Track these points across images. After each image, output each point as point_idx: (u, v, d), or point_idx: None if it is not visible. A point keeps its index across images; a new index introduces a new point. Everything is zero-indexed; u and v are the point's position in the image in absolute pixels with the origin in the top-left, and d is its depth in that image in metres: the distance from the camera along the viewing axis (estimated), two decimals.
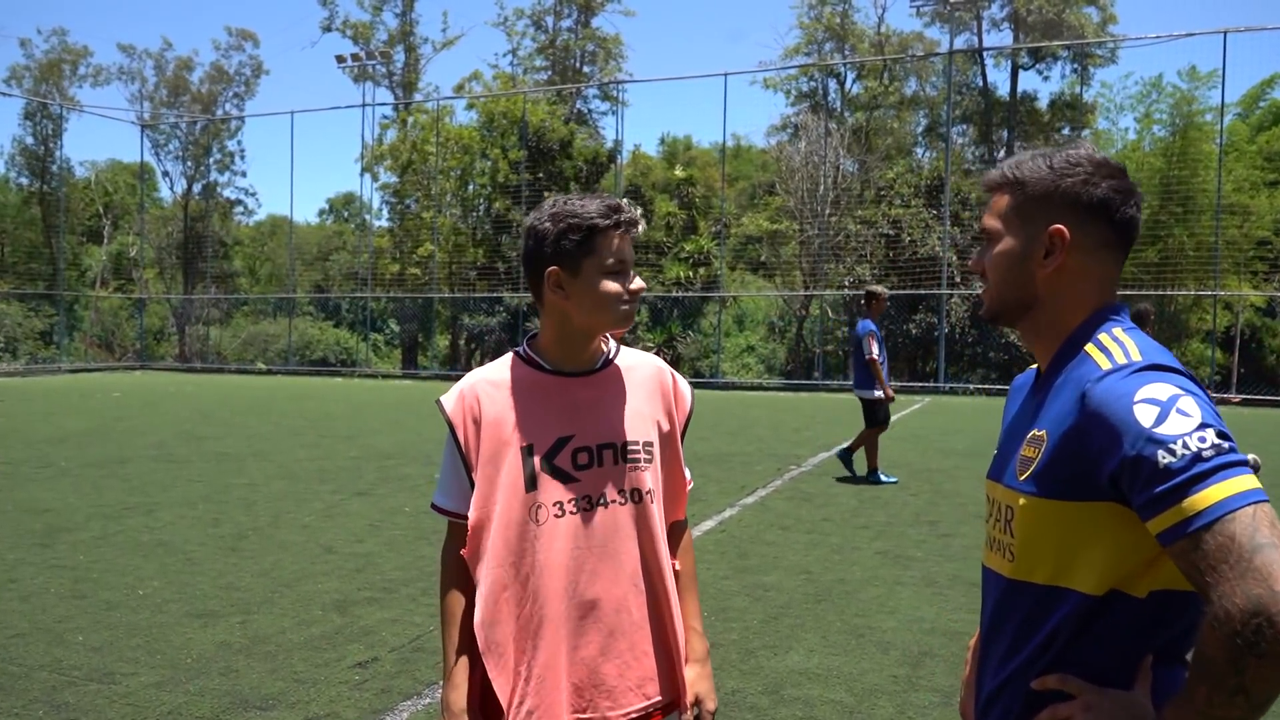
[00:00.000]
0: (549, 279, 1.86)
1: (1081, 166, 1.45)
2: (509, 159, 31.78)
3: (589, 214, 1.83)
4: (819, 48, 36.07)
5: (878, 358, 9.69)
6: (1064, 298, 1.46)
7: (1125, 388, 1.28)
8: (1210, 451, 1.20)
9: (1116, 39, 30.51)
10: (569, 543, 1.86)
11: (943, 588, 5.86)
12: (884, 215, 28.45)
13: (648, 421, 1.97)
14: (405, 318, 36.21)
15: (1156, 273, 26.48)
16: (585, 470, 1.88)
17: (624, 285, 1.86)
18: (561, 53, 38.68)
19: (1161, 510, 1.21)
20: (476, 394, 1.91)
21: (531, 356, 1.95)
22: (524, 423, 1.89)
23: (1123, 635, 1.34)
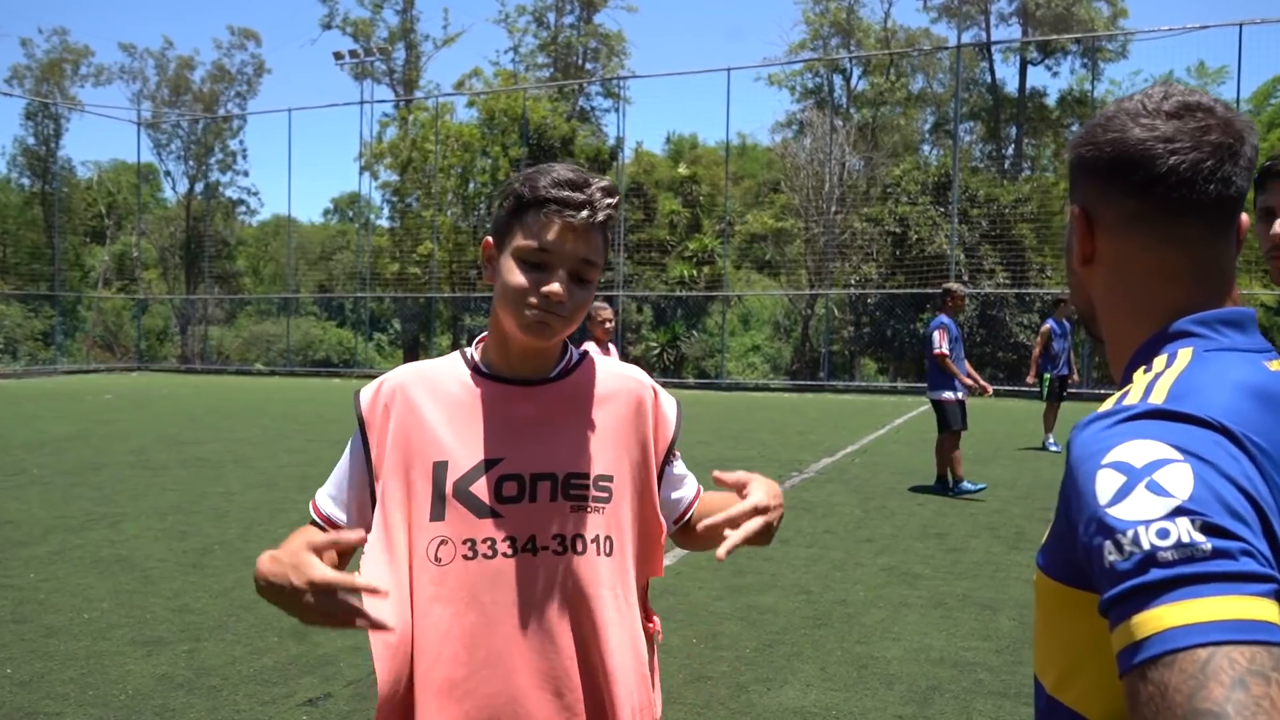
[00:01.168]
0: (483, 250, 1.52)
1: (1121, 115, 1.02)
2: (510, 157, 31.39)
3: (534, 180, 1.43)
4: (824, 43, 35.63)
5: (948, 352, 9.15)
6: (1111, 304, 1.05)
7: (1099, 444, 0.87)
8: (1172, 554, 0.76)
9: (1128, 33, 30.01)
10: (476, 597, 1.42)
11: (952, 610, 5.44)
12: (890, 213, 28.00)
13: (612, 450, 1.52)
14: (407, 317, 35.89)
15: None
16: (511, 504, 1.44)
17: (535, 282, 1.42)
18: (563, 49, 38.29)
19: (1112, 626, 0.79)
20: (395, 390, 1.51)
21: (472, 356, 1.56)
22: (443, 434, 1.47)
23: None
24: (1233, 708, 0.69)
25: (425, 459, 1.46)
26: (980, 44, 32.83)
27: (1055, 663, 0.98)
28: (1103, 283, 1.05)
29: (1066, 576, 0.93)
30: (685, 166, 35.23)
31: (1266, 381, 0.93)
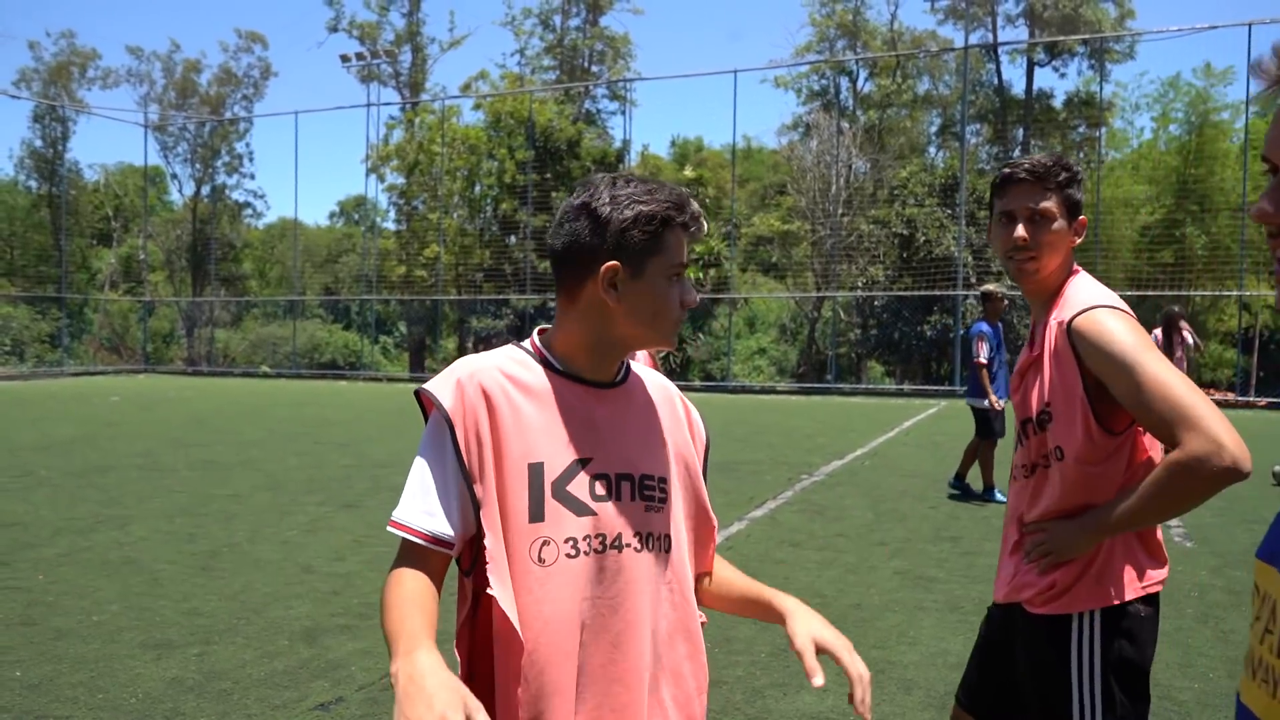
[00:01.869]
0: (604, 275, 1.49)
1: None
2: (516, 159, 31.38)
3: (664, 203, 1.49)
4: (831, 45, 35.57)
5: (986, 361, 9.00)
6: None
7: None
8: None
9: (1135, 33, 29.94)
10: (581, 592, 1.46)
11: (968, 614, 5.38)
12: (897, 215, 27.94)
13: (665, 452, 1.60)
14: (412, 320, 35.88)
15: (1173, 273, 25.91)
16: (603, 503, 1.49)
17: (679, 295, 1.53)
18: (569, 52, 38.27)
19: None
20: (482, 387, 1.48)
21: (546, 356, 1.56)
22: (536, 434, 1.48)
23: None
24: None
25: (521, 459, 1.46)
26: (987, 45, 32.76)
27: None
28: None
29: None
30: (691, 169, 35.19)
31: None
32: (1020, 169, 2.20)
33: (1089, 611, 2.13)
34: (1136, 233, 27.76)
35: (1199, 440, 1.86)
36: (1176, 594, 5.83)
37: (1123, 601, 2.12)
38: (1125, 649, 2.14)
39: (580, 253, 1.49)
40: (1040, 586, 2.17)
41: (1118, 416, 2.07)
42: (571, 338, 1.55)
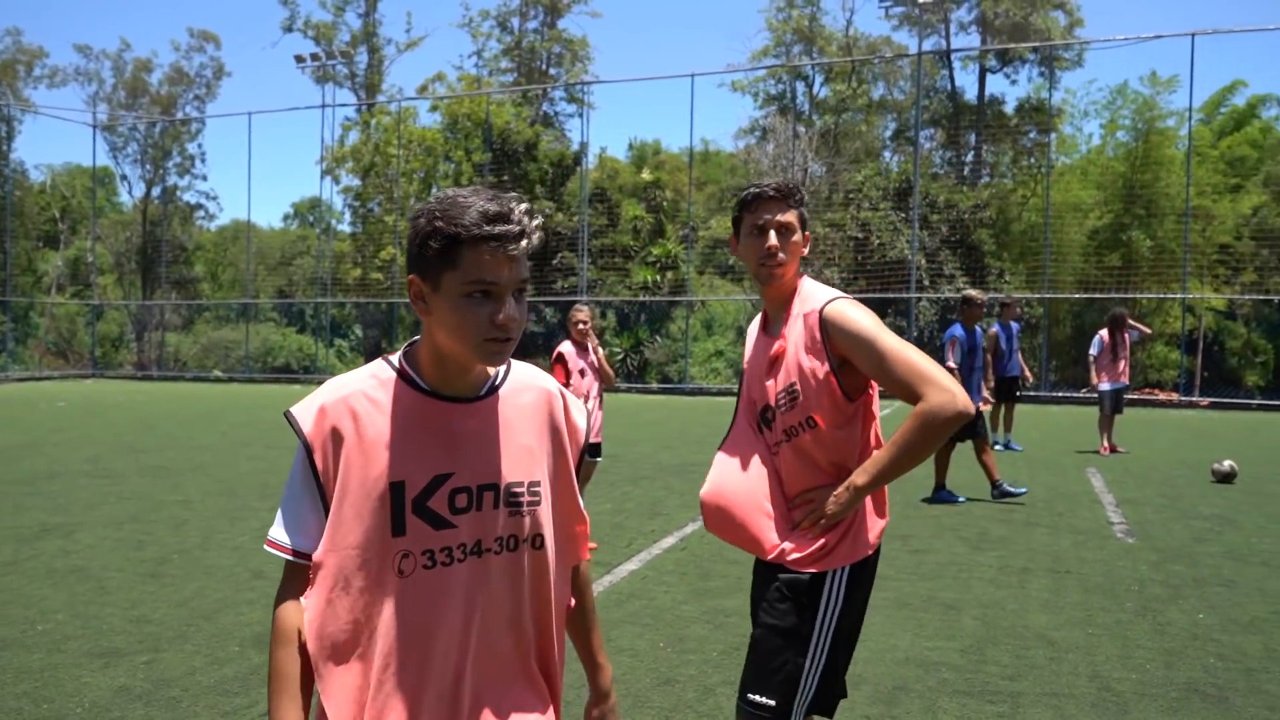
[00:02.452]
0: (410, 287, 1.56)
1: None
2: (473, 162, 31.26)
3: (457, 218, 1.48)
4: (787, 50, 35.86)
5: (955, 365, 9.07)
6: None
7: None
8: None
9: (1083, 42, 30.52)
10: (437, 600, 1.57)
11: (916, 610, 5.48)
12: (852, 218, 28.23)
13: (538, 457, 1.68)
14: (368, 323, 35.56)
15: (1120, 276, 26.45)
16: (463, 515, 1.59)
17: (489, 314, 1.50)
18: (527, 54, 38.21)
19: None
20: (343, 411, 1.57)
21: (408, 372, 1.62)
22: (396, 453, 1.56)
23: None
24: None
25: (382, 478, 1.55)
26: (940, 52, 33.22)
27: None
28: None
29: None
30: (649, 172, 35.27)
31: None
32: (769, 188, 2.54)
33: (841, 568, 2.49)
34: (1085, 236, 28.27)
35: (937, 392, 2.29)
36: (1117, 588, 5.98)
37: (864, 556, 2.51)
38: (857, 598, 2.53)
39: (407, 266, 1.57)
40: (811, 549, 2.47)
41: (856, 387, 2.48)
42: (423, 350, 1.62)
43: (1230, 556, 6.85)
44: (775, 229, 2.51)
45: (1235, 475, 10.09)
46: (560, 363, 6.72)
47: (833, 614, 2.48)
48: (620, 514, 8.24)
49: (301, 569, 1.58)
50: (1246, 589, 6.00)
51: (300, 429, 1.56)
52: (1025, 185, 30.29)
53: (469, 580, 1.58)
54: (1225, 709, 4.10)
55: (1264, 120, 34.42)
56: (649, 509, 8.46)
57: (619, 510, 8.40)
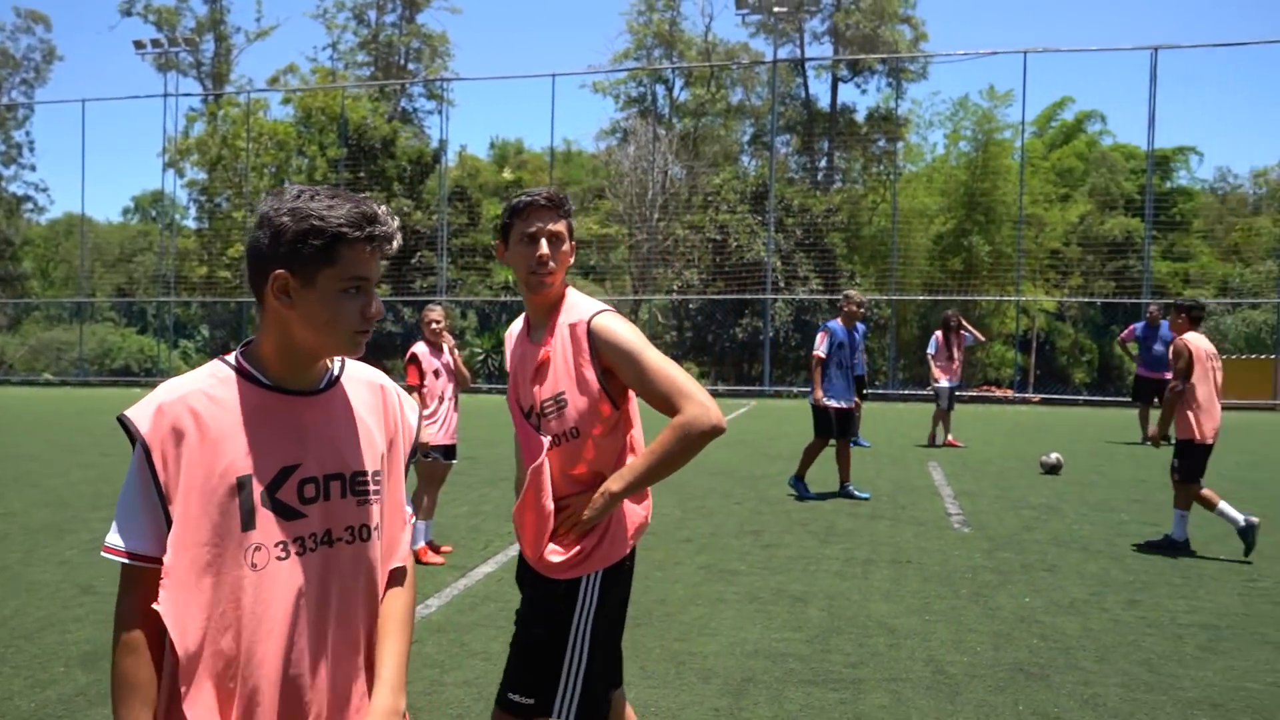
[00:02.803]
0: (274, 282, 1.59)
1: None
2: (328, 157, 30.35)
3: (337, 218, 1.57)
4: (648, 53, 36.24)
5: (823, 355, 9.14)
6: None
7: None
8: None
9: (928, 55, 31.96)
10: (291, 591, 1.59)
11: (766, 603, 5.64)
12: (711, 221, 28.75)
13: (376, 448, 1.72)
14: (216, 324, 34.04)
15: (961, 279, 27.84)
16: (312, 504, 1.62)
17: (362, 308, 1.62)
18: (385, 49, 37.37)
19: None
20: (182, 410, 1.57)
21: (247, 369, 1.65)
22: (242, 448, 1.59)
23: None
24: None
25: (229, 473, 1.56)
26: (795, 60, 34.21)
27: None
28: None
29: None
30: (510, 171, 35.04)
31: None
32: (540, 197, 2.58)
33: (595, 573, 2.58)
34: (931, 241, 29.62)
35: (694, 406, 2.42)
36: (953, 576, 6.30)
37: (619, 559, 2.60)
38: (613, 598, 2.62)
39: (258, 260, 1.59)
40: (568, 556, 2.56)
41: (618, 397, 2.56)
42: (266, 345, 1.64)
43: (1055, 543, 7.31)
44: (546, 238, 2.56)
45: (1061, 467, 10.76)
46: (414, 363, 6.60)
47: (588, 618, 2.58)
48: (477, 516, 8.16)
49: (146, 574, 1.55)
50: (1068, 573, 6.41)
51: (137, 430, 1.55)
52: (875, 191, 31.52)
53: (322, 570, 1.62)
54: (1046, 686, 4.38)
55: (1089, 134, 36.87)
56: (506, 511, 8.41)
57: (475, 513, 8.32)
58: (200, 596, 1.54)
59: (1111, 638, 5.06)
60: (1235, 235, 34.72)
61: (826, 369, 9.25)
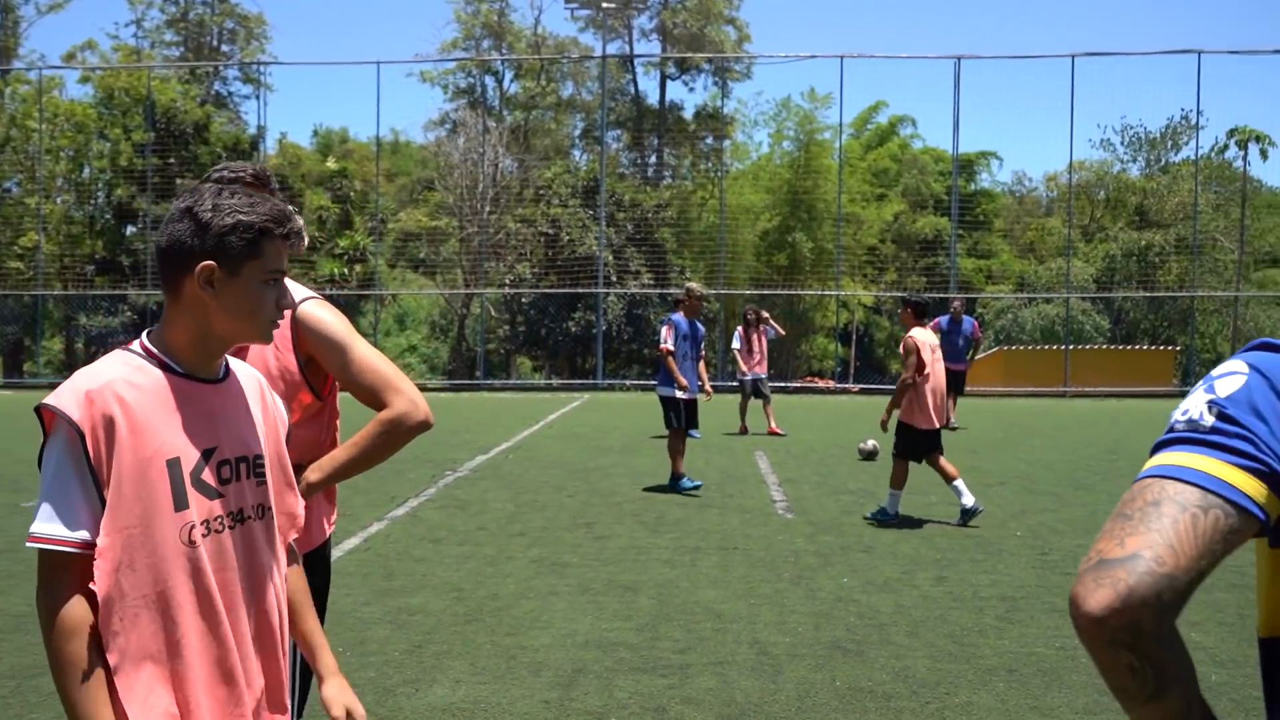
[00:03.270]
0: (200, 273, 1.70)
1: None
2: (133, 141, 28.44)
3: (261, 215, 1.73)
4: (476, 44, 35.77)
5: (673, 349, 9.10)
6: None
7: None
8: (1183, 426, 1.06)
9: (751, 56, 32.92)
10: (218, 565, 1.72)
11: (597, 594, 5.69)
12: (543, 215, 28.69)
13: (263, 433, 1.86)
14: (7, 319, 31.34)
15: (786, 274, 28.87)
16: (228, 485, 1.75)
17: (278, 299, 1.78)
18: (195, 28, 35.37)
19: None
20: (110, 396, 1.63)
21: (161, 357, 1.74)
22: (169, 432, 1.68)
23: None
24: (1134, 503, 1.01)
25: (158, 455, 1.65)
26: (624, 56, 34.53)
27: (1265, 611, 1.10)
28: None
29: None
30: (334, 161, 33.85)
31: None
32: (247, 174, 2.55)
33: None
34: (757, 237, 30.55)
35: (402, 401, 2.38)
36: (777, 560, 6.53)
37: (315, 547, 2.57)
38: (313, 585, 2.67)
39: (180, 252, 1.70)
40: None
41: (320, 386, 2.52)
42: (180, 335, 1.73)
43: (870, 526, 7.70)
44: None
45: (877, 453, 11.33)
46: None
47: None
48: None
49: (79, 560, 1.59)
50: (883, 553, 6.76)
51: (70, 417, 1.60)
52: (704, 188, 32.23)
53: (243, 546, 1.75)
54: (862, 661, 4.61)
55: (902, 138, 38.90)
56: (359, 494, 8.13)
57: None
58: (134, 575, 1.61)
59: (921, 613, 5.38)
60: (1030, 235, 37.48)
61: (678, 360, 9.28)
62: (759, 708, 4.06)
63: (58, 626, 1.57)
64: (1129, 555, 0.96)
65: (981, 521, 7.77)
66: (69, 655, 1.57)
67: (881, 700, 4.14)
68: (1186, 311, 28.87)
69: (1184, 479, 1.00)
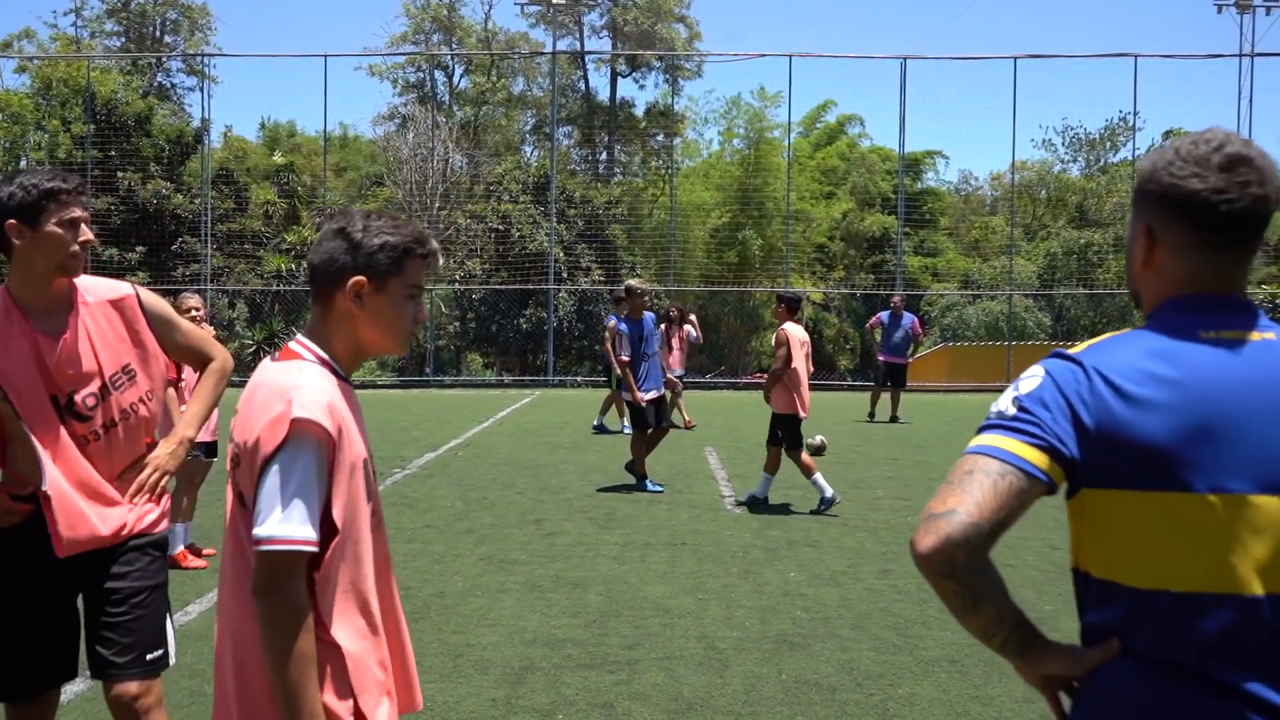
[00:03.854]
0: (351, 287, 1.89)
1: (1179, 162, 1.41)
2: (72, 133, 27.77)
3: (405, 236, 1.92)
4: (426, 38, 35.44)
5: (628, 359, 9.01)
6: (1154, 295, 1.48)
7: None
8: (994, 416, 1.42)
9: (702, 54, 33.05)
10: (382, 541, 2.02)
11: (545, 591, 5.69)
12: (494, 211, 28.54)
13: None
14: None
15: (737, 271, 29.04)
16: (374, 481, 2.01)
17: (414, 312, 1.96)
18: (138, 18, 34.61)
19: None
20: (339, 404, 1.87)
21: (333, 365, 1.94)
22: (359, 436, 1.93)
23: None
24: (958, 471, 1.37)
25: (359, 458, 1.90)
26: (575, 53, 34.46)
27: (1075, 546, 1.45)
28: (1151, 282, 1.46)
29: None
30: (281, 155, 33.34)
31: (1167, 346, 1.37)
32: (74, 183, 2.72)
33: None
34: (708, 234, 30.67)
35: (221, 352, 3.02)
36: (725, 554, 6.58)
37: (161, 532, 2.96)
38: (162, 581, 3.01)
39: (333, 267, 1.89)
40: (157, 512, 2.89)
41: (171, 366, 3.06)
42: (340, 345, 1.94)
43: (817, 520, 7.79)
44: (86, 223, 2.72)
45: (825, 449, 11.44)
46: None
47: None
48: None
49: (308, 558, 1.77)
50: (829, 547, 6.85)
51: (325, 427, 1.79)
52: (655, 185, 32.27)
53: (381, 536, 2.02)
54: (808, 654, 4.67)
55: (850, 137, 39.30)
56: None
57: None
58: (347, 567, 1.84)
59: (866, 606, 5.46)
60: (975, 233, 38.08)
61: (636, 366, 9.14)
62: (706, 702, 4.10)
63: (303, 623, 1.73)
64: (948, 510, 1.31)
65: None
66: (304, 650, 1.73)
67: (827, 693, 4.20)
68: (1125, 309, 29.56)
69: (990, 454, 1.35)
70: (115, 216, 26.65)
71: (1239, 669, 1.29)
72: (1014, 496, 1.31)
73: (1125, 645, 1.35)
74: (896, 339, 15.28)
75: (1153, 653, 1.32)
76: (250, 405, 1.84)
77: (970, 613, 1.34)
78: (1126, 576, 1.34)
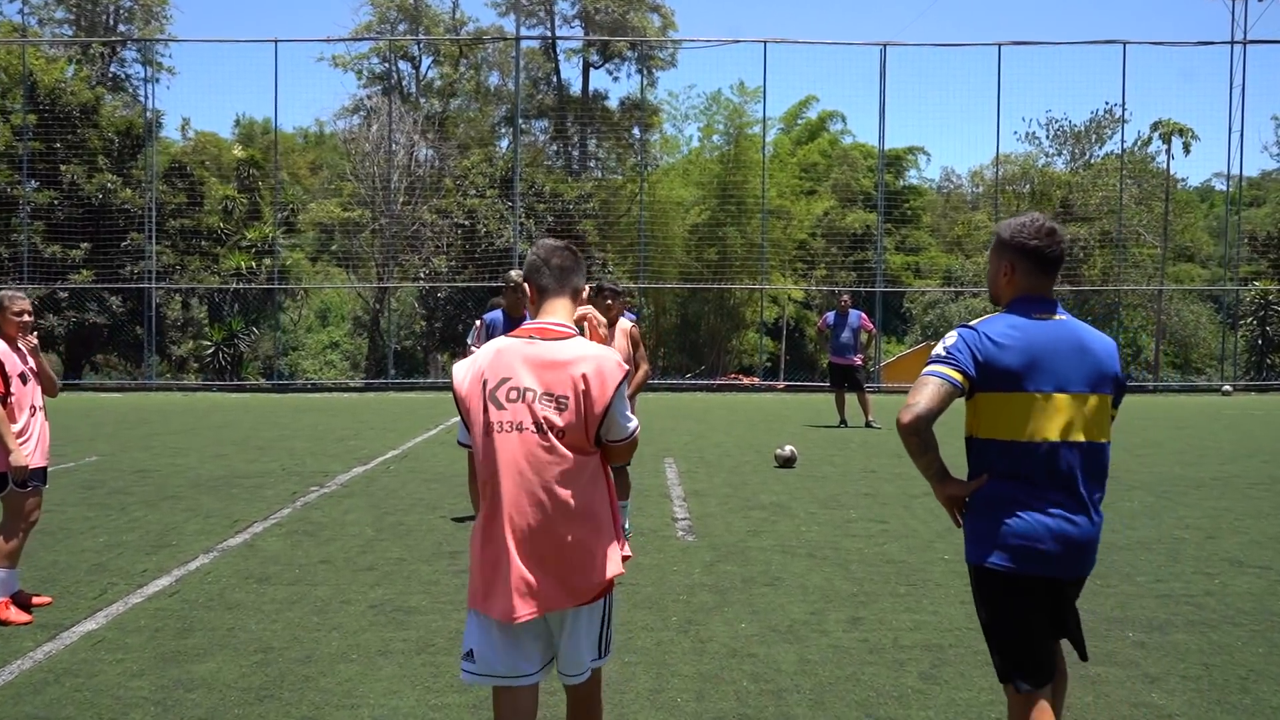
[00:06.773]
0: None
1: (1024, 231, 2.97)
2: (12, 124, 26.44)
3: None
4: (391, 28, 34.23)
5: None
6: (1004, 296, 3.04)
7: None
8: (936, 355, 2.90)
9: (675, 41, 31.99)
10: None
11: (437, 653, 4.61)
12: (459, 205, 27.42)
13: None
14: None
15: (717, 268, 28.01)
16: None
17: None
18: (88, 5, 33.26)
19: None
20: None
21: None
22: None
23: None
24: (920, 382, 2.86)
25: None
26: (545, 38, 33.35)
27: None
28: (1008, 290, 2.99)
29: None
30: (241, 149, 32.09)
31: (1016, 321, 2.88)
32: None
33: None
34: (687, 231, 29.64)
35: None
36: (664, 599, 5.52)
37: None
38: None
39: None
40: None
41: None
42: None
43: (780, 549, 6.73)
44: None
45: (795, 460, 10.42)
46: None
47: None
48: (112, 550, 6.63)
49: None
50: (790, 586, 5.80)
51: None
52: (632, 181, 31.23)
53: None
54: None
55: (832, 133, 38.38)
56: (155, 540, 6.92)
57: (113, 545, 6.77)
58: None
59: (829, 671, 4.41)
60: (957, 230, 37.18)
61: None
62: None
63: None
64: (915, 402, 2.78)
65: (905, 543, 6.88)
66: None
67: None
68: (1111, 305, 28.68)
69: (935, 375, 2.82)
70: (59, 212, 25.37)
71: (1046, 478, 2.81)
72: (945, 396, 2.80)
73: (991, 474, 2.87)
74: (843, 338, 14.64)
75: (1005, 473, 2.84)
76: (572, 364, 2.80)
77: (921, 454, 2.84)
78: (995, 434, 2.86)
